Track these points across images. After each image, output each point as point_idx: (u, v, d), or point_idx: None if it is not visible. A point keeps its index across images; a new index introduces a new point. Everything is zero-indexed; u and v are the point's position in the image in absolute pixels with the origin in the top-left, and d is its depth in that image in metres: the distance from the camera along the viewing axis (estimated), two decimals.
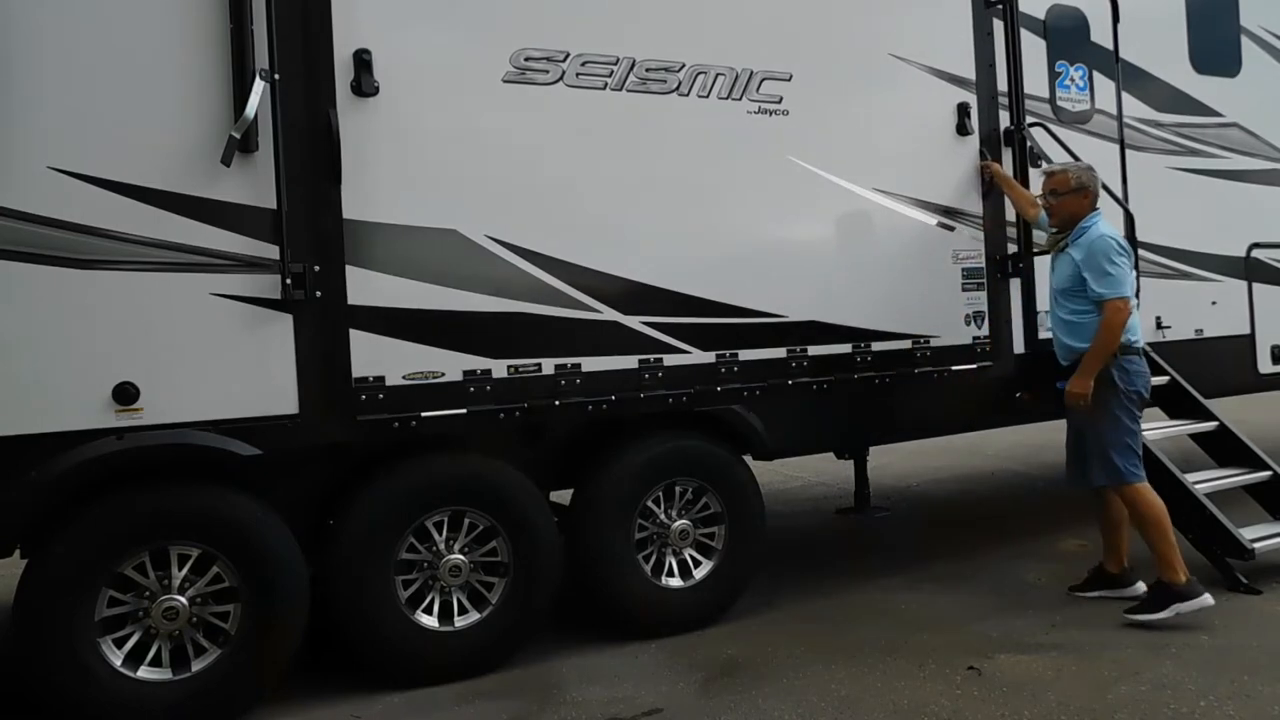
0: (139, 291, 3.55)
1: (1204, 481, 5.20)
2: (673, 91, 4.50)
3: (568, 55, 4.26)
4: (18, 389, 3.42)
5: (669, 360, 4.48)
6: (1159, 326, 6.06)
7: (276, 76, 3.70)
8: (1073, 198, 4.81)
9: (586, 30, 4.33)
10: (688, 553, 4.70)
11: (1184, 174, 6.34)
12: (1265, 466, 5.39)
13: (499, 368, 4.11)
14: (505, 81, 4.14)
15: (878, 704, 3.74)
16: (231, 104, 3.66)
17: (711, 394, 4.59)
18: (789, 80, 4.78)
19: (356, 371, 3.84)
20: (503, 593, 4.23)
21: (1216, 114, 6.47)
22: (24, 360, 3.42)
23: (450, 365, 4.02)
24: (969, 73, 5.36)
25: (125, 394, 3.52)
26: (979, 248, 5.36)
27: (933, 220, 5.21)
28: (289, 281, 3.72)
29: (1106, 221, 4.82)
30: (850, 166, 4.95)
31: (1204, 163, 6.43)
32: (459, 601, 4.19)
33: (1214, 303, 6.39)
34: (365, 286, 3.86)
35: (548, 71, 4.23)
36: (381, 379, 3.88)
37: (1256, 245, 6.60)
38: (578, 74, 4.29)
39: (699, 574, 4.69)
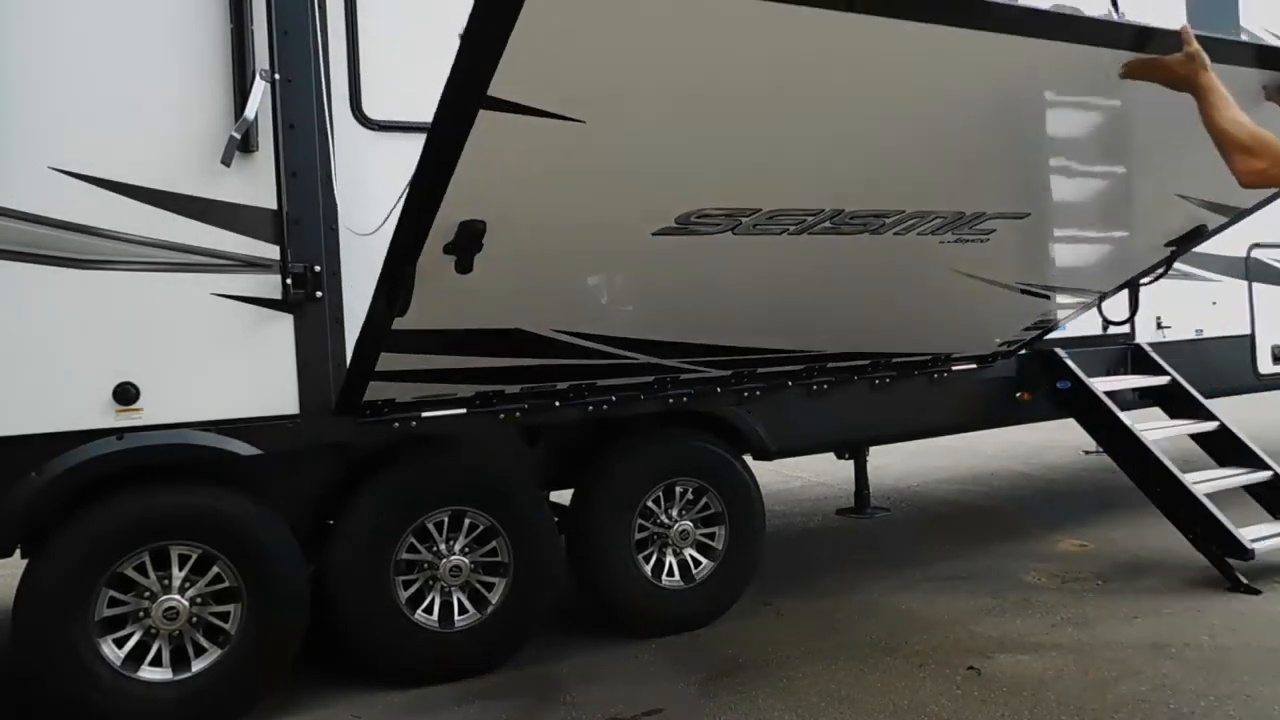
0: (139, 291, 3.55)
1: (1204, 481, 5.20)
2: (862, 231, 3.54)
3: (756, 211, 3.25)
4: (18, 389, 3.41)
5: (684, 375, 4.39)
6: (1159, 326, 6.07)
7: (276, 76, 3.69)
8: None
9: (794, 185, 3.22)
10: (688, 553, 4.69)
11: None
12: (1265, 466, 5.40)
13: (513, 388, 4.08)
14: (655, 235, 3.22)
15: (878, 704, 3.73)
16: (234, 104, 3.64)
17: (712, 395, 4.58)
18: (1023, 219, 3.80)
19: (367, 396, 3.74)
20: (503, 593, 4.22)
21: None
22: (24, 360, 3.42)
23: (466, 391, 3.98)
24: (1223, 197, 4.06)
25: (126, 394, 3.52)
26: (1054, 306, 4.85)
27: (1033, 296, 4.66)
28: (289, 282, 3.72)
29: None
30: (1009, 271, 4.28)
31: None
32: (459, 601, 4.18)
33: (1214, 303, 6.40)
34: (398, 362, 3.54)
35: (719, 224, 3.26)
36: (390, 400, 3.86)
37: (1256, 245, 6.61)
38: (756, 225, 3.32)
39: (699, 574, 4.69)
